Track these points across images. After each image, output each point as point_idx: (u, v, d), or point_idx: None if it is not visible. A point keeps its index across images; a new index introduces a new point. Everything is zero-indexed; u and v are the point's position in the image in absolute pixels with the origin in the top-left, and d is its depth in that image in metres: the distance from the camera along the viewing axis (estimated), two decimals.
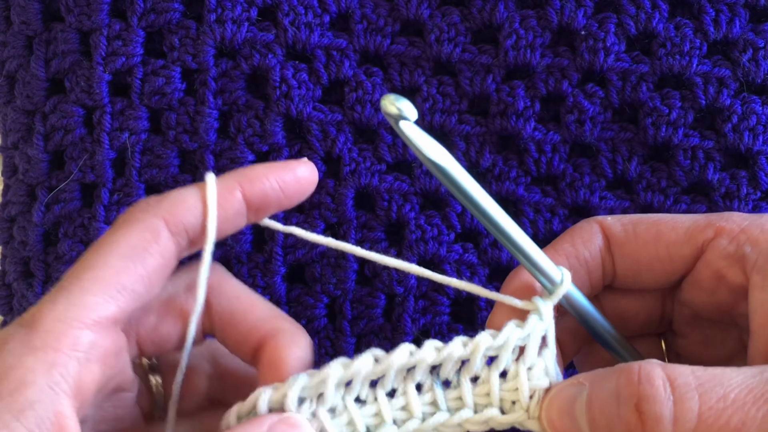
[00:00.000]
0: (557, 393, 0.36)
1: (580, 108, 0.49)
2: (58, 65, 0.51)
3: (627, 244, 0.40)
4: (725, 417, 0.31)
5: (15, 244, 0.54)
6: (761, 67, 0.48)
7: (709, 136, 0.49)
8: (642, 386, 0.32)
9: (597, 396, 0.34)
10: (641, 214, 0.41)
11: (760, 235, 0.37)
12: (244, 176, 0.38)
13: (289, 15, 0.50)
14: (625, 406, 0.32)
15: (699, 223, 0.39)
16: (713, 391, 0.32)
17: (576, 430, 0.35)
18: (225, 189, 0.38)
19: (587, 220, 0.41)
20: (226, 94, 0.50)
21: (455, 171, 0.35)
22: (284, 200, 0.39)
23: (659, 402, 0.32)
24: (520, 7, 0.50)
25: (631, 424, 0.32)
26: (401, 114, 0.33)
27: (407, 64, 0.50)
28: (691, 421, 0.31)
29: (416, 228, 0.50)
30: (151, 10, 0.50)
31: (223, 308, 0.39)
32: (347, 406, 0.36)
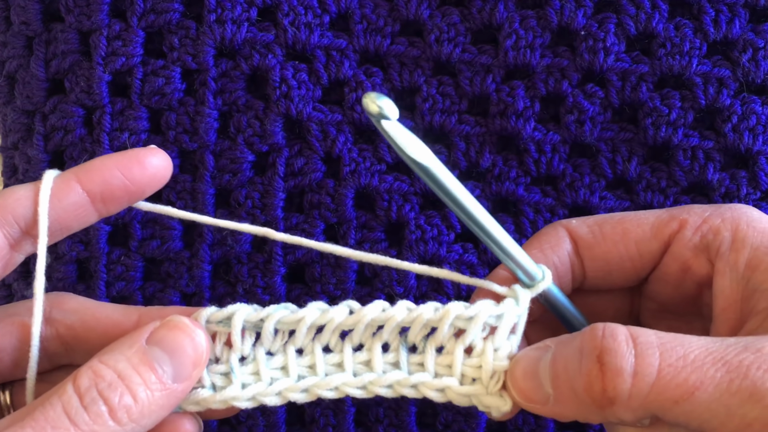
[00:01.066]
0: (523, 355, 0.37)
1: (579, 108, 0.49)
2: (58, 65, 0.51)
3: (596, 246, 0.40)
4: (684, 374, 0.32)
5: None
6: (761, 67, 0.48)
7: (709, 136, 0.49)
8: (605, 340, 0.33)
9: (561, 354, 0.35)
10: (605, 214, 0.42)
11: (721, 224, 0.39)
12: (81, 168, 0.38)
13: (289, 15, 0.50)
14: (587, 358, 0.33)
15: (663, 218, 0.40)
16: (674, 350, 0.32)
17: (539, 388, 0.35)
18: (60, 181, 0.37)
19: (553, 225, 0.42)
20: (226, 95, 0.50)
21: (438, 170, 0.35)
22: (134, 190, 0.38)
23: (621, 355, 0.32)
24: (520, 7, 0.50)
25: (592, 375, 0.33)
26: (382, 112, 0.32)
27: (407, 64, 0.50)
28: (651, 375, 0.32)
29: (416, 228, 0.50)
30: (151, 11, 0.50)
31: (68, 317, 0.40)
32: (315, 351, 0.37)
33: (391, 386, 0.37)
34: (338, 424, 0.50)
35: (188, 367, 0.35)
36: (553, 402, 0.35)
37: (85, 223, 0.39)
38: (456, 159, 0.50)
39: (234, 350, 0.37)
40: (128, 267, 0.51)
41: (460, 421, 0.50)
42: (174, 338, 0.35)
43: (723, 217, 0.39)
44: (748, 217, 0.39)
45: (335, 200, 0.50)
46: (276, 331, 0.37)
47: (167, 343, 0.35)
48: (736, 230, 0.38)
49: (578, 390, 0.33)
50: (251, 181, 0.51)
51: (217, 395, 0.36)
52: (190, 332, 0.35)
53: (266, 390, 0.37)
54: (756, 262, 0.37)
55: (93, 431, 0.32)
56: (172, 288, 0.51)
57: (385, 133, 0.33)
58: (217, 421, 0.51)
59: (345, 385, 0.37)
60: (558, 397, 0.34)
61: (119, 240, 0.52)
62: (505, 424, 0.51)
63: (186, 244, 0.51)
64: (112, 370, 0.34)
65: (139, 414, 0.33)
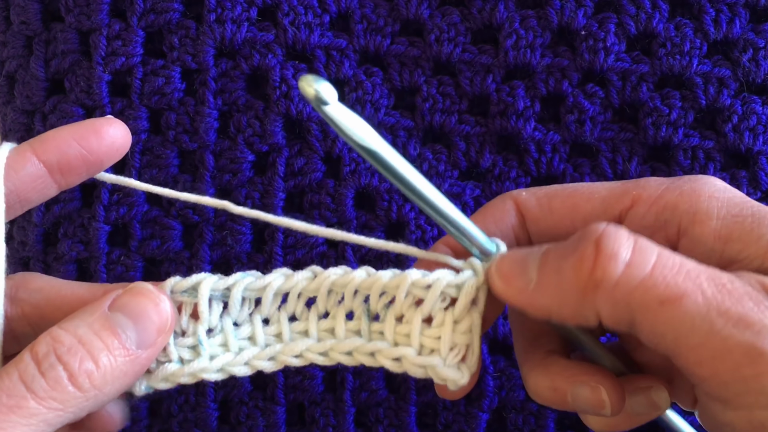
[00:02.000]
0: (514, 250, 0.36)
1: (580, 108, 0.49)
2: (57, 65, 0.51)
3: (542, 220, 0.38)
4: (677, 279, 0.30)
5: (15, 245, 0.54)
6: (761, 67, 0.48)
7: (710, 136, 0.49)
8: (608, 228, 0.32)
9: (556, 248, 0.34)
10: (557, 186, 0.39)
11: (678, 198, 0.36)
12: (37, 139, 0.37)
13: (289, 15, 0.50)
14: (585, 241, 0.32)
15: (615, 192, 0.38)
16: (672, 257, 0.31)
17: (522, 273, 0.34)
18: (15, 153, 0.36)
19: (501, 197, 0.40)
20: (226, 94, 0.50)
21: (385, 152, 0.33)
22: (92, 160, 0.38)
23: (620, 243, 0.31)
24: (520, 7, 0.50)
25: (586, 254, 0.31)
26: (319, 96, 0.31)
27: (407, 64, 0.50)
28: (644, 268, 0.31)
29: (416, 228, 0.50)
30: (151, 10, 0.50)
31: (33, 296, 0.38)
32: (281, 319, 0.37)
33: (350, 353, 0.37)
34: (338, 425, 0.50)
35: (152, 334, 0.34)
36: (534, 287, 0.33)
37: (45, 196, 0.38)
38: (456, 159, 0.50)
39: (201, 322, 0.36)
40: (128, 267, 0.51)
41: (461, 421, 0.50)
42: (137, 304, 0.34)
43: (681, 190, 0.36)
44: (710, 187, 0.36)
45: (335, 200, 0.50)
46: (243, 300, 0.37)
47: (130, 308, 0.34)
48: (697, 202, 0.35)
49: (566, 269, 0.32)
50: (251, 181, 0.51)
51: (186, 368, 0.36)
52: (154, 298, 0.34)
53: (234, 360, 0.36)
54: (727, 233, 0.35)
55: (52, 398, 0.31)
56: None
57: (326, 117, 0.31)
58: (217, 421, 0.51)
59: (308, 351, 0.37)
60: (541, 281, 0.33)
61: (119, 240, 0.52)
62: (505, 424, 0.50)
63: (186, 244, 0.51)
64: (72, 335, 0.32)
65: (101, 380, 0.32)
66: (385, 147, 0.33)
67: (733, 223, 0.34)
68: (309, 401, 0.50)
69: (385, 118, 0.50)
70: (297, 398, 0.51)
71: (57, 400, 0.31)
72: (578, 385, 0.35)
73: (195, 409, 0.50)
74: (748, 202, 0.35)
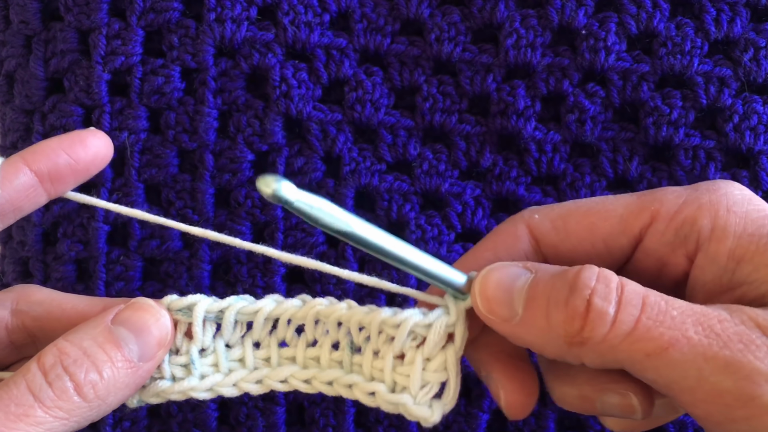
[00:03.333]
0: (500, 267, 0.35)
1: (580, 107, 0.49)
2: (57, 64, 0.51)
3: (560, 244, 0.38)
4: (661, 329, 0.31)
5: (14, 244, 0.53)
6: (762, 66, 0.48)
7: (710, 136, 0.49)
8: (599, 283, 0.32)
9: (545, 281, 0.33)
10: (570, 204, 0.38)
11: (697, 213, 0.35)
12: (27, 151, 0.39)
13: (289, 14, 0.50)
14: (577, 294, 0.32)
15: (632, 208, 0.37)
16: (657, 304, 0.31)
17: (507, 304, 0.34)
18: (8, 164, 0.38)
19: (512, 220, 0.39)
20: (226, 94, 0.50)
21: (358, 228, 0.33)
22: (79, 169, 0.39)
23: (609, 300, 0.32)
24: (521, 6, 0.49)
25: (577, 311, 0.32)
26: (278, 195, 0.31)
27: (407, 63, 0.50)
28: (629, 324, 0.31)
29: (416, 228, 0.50)
30: (151, 9, 0.50)
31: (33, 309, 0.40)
32: (271, 344, 0.38)
33: (330, 383, 0.37)
34: (338, 425, 0.50)
35: (153, 347, 0.36)
36: (519, 322, 0.34)
37: (36, 204, 0.39)
38: (456, 158, 0.50)
39: (194, 342, 0.37)
40: (127, 267, 0.51)
41: (461, 421, 0.50)
42: (139, 318, 0.36)
43: (700, 202, 0.35)
44: (728, 200, 0.35)
45: (335, 200, 0.50)
46: (235, 323, 0.38)
47: (132, 322, 0.35)
48: (716, 217, 0.35)
49: (555, 320, 0.32)
50: (251, 180, 0.50)
51: (176, 386, 0.37)
52: (155, 313, 0.36)
53: (223, 381, 0.37)
54: (740, 252, 0.34)
55: (58, 407, 0.33)
56: (171, 288, 0.51)
57: (296, 212, 0.32)
58: (217, 422, 0.51)
59: (292, 377, 0.37)
60: (527, 319, 0.33)
61: (118, 240, 0.51)
62: (505, 425, 0.50)
63: (185, 243, 0.51)
64: (77, 347, 0.34)
65: (105, 390, 0.34)
66: (357, 222, 0.33)
67: (748, 242, 0.34)
68: (309, 401, 0.50)
69: (385, 117, 0.50)
70: (297, 398, 0.51)
71: (63, 409, 0.33)
72: (607, 393, 0.35)
73: (195, 409, 0.50)
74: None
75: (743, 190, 0.36)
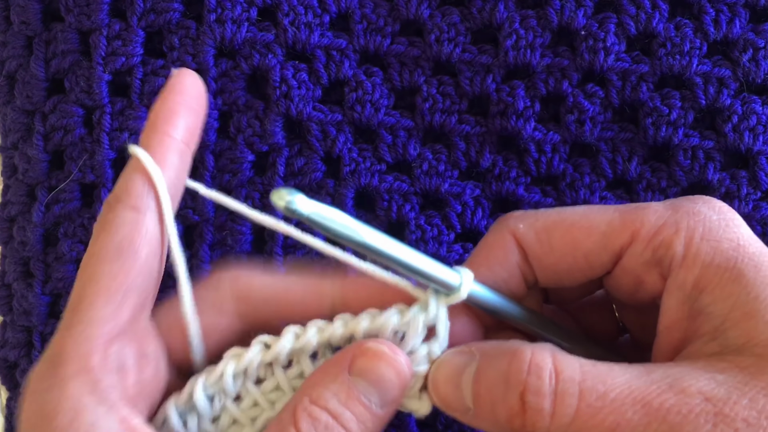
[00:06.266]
0: (447, 359, 0.36)
1: (580, 108, 0.49)
2: (57, 65, 0.51)
3: (544, 257, 0.38)
4: (601, 416, 0.31)
5: (15, 244, 0.54)
6: (761, 67, 0.48)
7: (709, 136, 0.49)
8: (530, 377, 0.33)
9: (485, 373, 0.34)
10: (554, 214, 0.39)
11: (674, 236, 0.35)
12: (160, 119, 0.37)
13: (289, 15, 0.50)
14: (511, 393, 0.33)
15: (614, 226, 0.37)
16: (594, 388, 0.32)
17: (459, 399, 0.35)
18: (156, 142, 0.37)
19: (499, 231, 0.39)
20: (226, 94, 0.50)
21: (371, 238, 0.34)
22: (201, 116, 0.39)
23: (542, 395, 0.32)
24: (520, 7, 0.50)
25: (514, 411, 0.33)
26: (290, 207, 0.31)
27: (407, 64, 0.50)
28: (568, 416, 0.32)
29: (416, 228, 0.50)
30: (151, 10, 0.50)
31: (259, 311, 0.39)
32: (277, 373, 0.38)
33: None
34: None
35: (394, 394, 0.36)
36: (473, 416, 0.35)
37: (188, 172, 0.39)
38: (456, 159, 0.50)
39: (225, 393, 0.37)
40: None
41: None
42: (378, 369, 0.35)
43: (678, 226, 0.36)
44: (704, 226, 0.35)
45: (335, 200, 0.50)
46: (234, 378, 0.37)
47: (371, 373, 0.35)
48: (689, 244, 0.35)
49: (500, 417, 0.33)
50: (251, 181, 0.51)
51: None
52: (392, 361, 0.36)
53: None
54: (704, 283, 0.34)
55: None
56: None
57: (313, 224, 0.32)
58: None
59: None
60: (478, 414, 0.34)
61: None
62: None
63: (186, 244, 0.51)
64: (324, 410, 0.34)
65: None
66: (370, 232, 0.34)
67: (713, 274, 0.34)
68: None
69: (385, 118, 0.50)
70: None
71: None
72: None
73: None
74: (739, 248, 0.35)
75: (722, 214, 0.36)
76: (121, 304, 0.34)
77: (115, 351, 0.34)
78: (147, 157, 0.36)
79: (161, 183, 0.36)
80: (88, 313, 0.34)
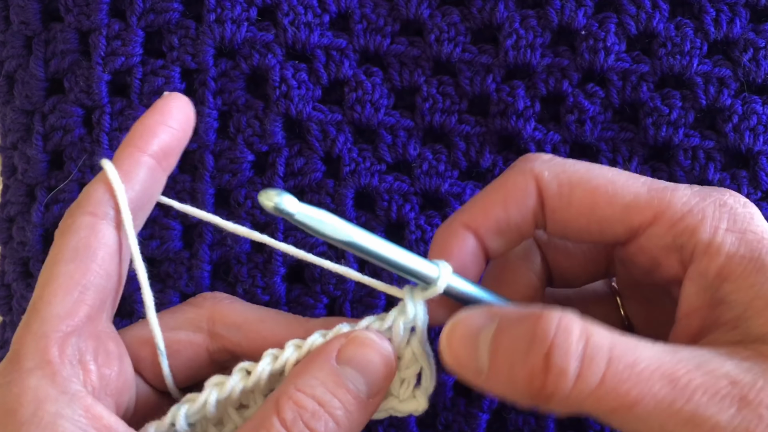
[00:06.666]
0: (465, 318, 0.35)
1: (580, 108, 0.49)
2: (57, 65, 0.51)
3: (560, 211, 0.37)
4: (627, 386, 0.30)
5: (14, 245, 0.54)
6: (762, 67, 0.48)
7: (710, 136, 0.49)
8: (558, 336, 0.31)
9: (507, 332, 0.33)
10: (582, 169, 0.38)
11: (699, 225, 0.35)
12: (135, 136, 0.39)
13: (289, 15, 0.50)
14: (535, 351, 0.31)
15: (639, 201, 0.36)
16: (623, 357, 0.31)
17: (474, 360, 0.34)
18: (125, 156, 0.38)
19: (522, 172, 0.38)
20: (226, 94, 0.50)
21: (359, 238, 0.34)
22: (182, 138, 0.40)
23: (569, 355, 0.31)
24: (520, 6, 0.49)
25: (535, 370, 0.31)
26: (278, 207, 0.31)
27: (407, 63, 0.50)
28: (593, 382, 0.30)
29: (416, 228, 0.50)
30: (151, 10, 0.50)
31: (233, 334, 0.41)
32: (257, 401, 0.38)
33: None
34: None
35: (381, 381, 0.36)
36: (486, 378, 0.33)
37: (162, 186, 0.41)
38: (456, 159, 0.50)
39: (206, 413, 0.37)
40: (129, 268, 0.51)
41: (460, 421, 0.50)
42: (364, 355, 0.36)
43: (704, 214, 0.35)
44: (730, 216, 0.35)
45: (335, 200, 0.50)
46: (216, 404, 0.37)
47: (358, 361, 0.36)
48: (715, 233, 0.35)
49: (517, 378, 0.32)
50: (251, 181, 0.51)
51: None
52: (379, 348, 0.36)
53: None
54: (727, 272, 0.34)
55: None
56: (171, 288, 0.51)
57: (300, 224, 0.32)
58: None
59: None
60: (493, 375, 0.33)
61: None
62: (505, 424, 0.50)
63: (185, 244, 0.51)
64: (310, 397, 0.34)
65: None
66: (357, 232, 0.34)
67: (737, 263, 0.34)
68: None
69: (385, 118, 0.50)
70: None
71: None
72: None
73: None
74: (763, 241, 0.34)
75: (747, 207, 0.36)
76: (78, 301, 0.36)
77: (73, 345, 0.35)
78: (111, 169, 0.38)
79: (121, 192, 0.37)
80: (45, 311, 0.35)
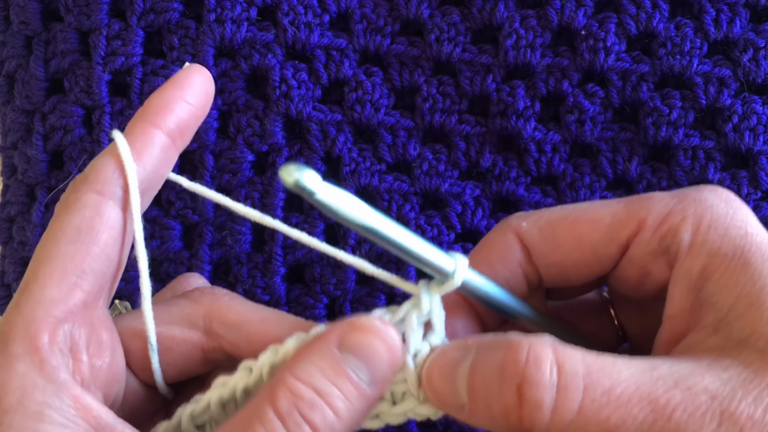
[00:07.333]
0: (441, 353, 0.34)
1: (580, 108, 0.49)
2: (57, 65, 0.51)
3: (549, 254, 0.37)
4: (606, 413, 0.30)
5: (14, 245, 0.54)
6: (762, 66, 0.48)
7: (710, 136, 0.49)
8: (528, 368, 0.30)
9: (481, 366, 0.32)
10: (558, 210, 0.37)
11: (681, 224, 0.34)
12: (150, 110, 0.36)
13: (289, 15, 0.50)
14: (507, 385, 0.31)
15: (619, 217, 0.36)
16: (599, 382, 0.30)
17: (454, 395, 0.33)
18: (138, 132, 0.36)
19: (501, 229, 0.38)
20: (226, 94, 0.50)
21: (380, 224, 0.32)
22: (199, 114, 0.38)
23: (542, 387, 0.30)
24: (520, 6, 0.49)
25: (510, 405, 0.31)
26: (299, 184, 0.29)
27: (407, 63, 0.50)
28: (571, 412, 0.30)
29: (416, 228, 0.50)
30: (151, 10, 0.50)
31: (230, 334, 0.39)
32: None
33: None
34: None
35: (384, 371, 0.34)
36: (468, 413, 0.33)
37: (172, 165, 0.38)
38: (456, 159, 0.50)
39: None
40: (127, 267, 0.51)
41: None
42: (368, 343, 0.33)
43: (685, 214, 0.34)
44: (711, 213, 0.34)
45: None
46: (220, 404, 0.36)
47: (361, 349, 0.33)
48: (697, 231, 0.34)
49: (495, 413, 0.31)
50: (251, 181, 0.51)
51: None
52: (383, 335, 0.34)
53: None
54: (710, 272, 0.33)
55: None
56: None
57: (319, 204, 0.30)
58: None
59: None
60: (474, 410, 0.32)
61: None
62: None
63: (186, 244, 0.51)
64: (308, 386, 0.32)
65: (342, 428, 0.32)
66: (378, 218, 0.32)
67: (720, 262, 0.33)
68: None
69: (385, 118, 0.50)
70: None
71: None
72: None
73: None
74: (747, 237, 0.34)
75: (729, 202, 0.35)
76: (74, 286, 0.33)
77: (64, 332, 0.33)
78: (124, 144, 0.35)
79: (132, 172, 0.35)
80: (38, 293, 0.33)
